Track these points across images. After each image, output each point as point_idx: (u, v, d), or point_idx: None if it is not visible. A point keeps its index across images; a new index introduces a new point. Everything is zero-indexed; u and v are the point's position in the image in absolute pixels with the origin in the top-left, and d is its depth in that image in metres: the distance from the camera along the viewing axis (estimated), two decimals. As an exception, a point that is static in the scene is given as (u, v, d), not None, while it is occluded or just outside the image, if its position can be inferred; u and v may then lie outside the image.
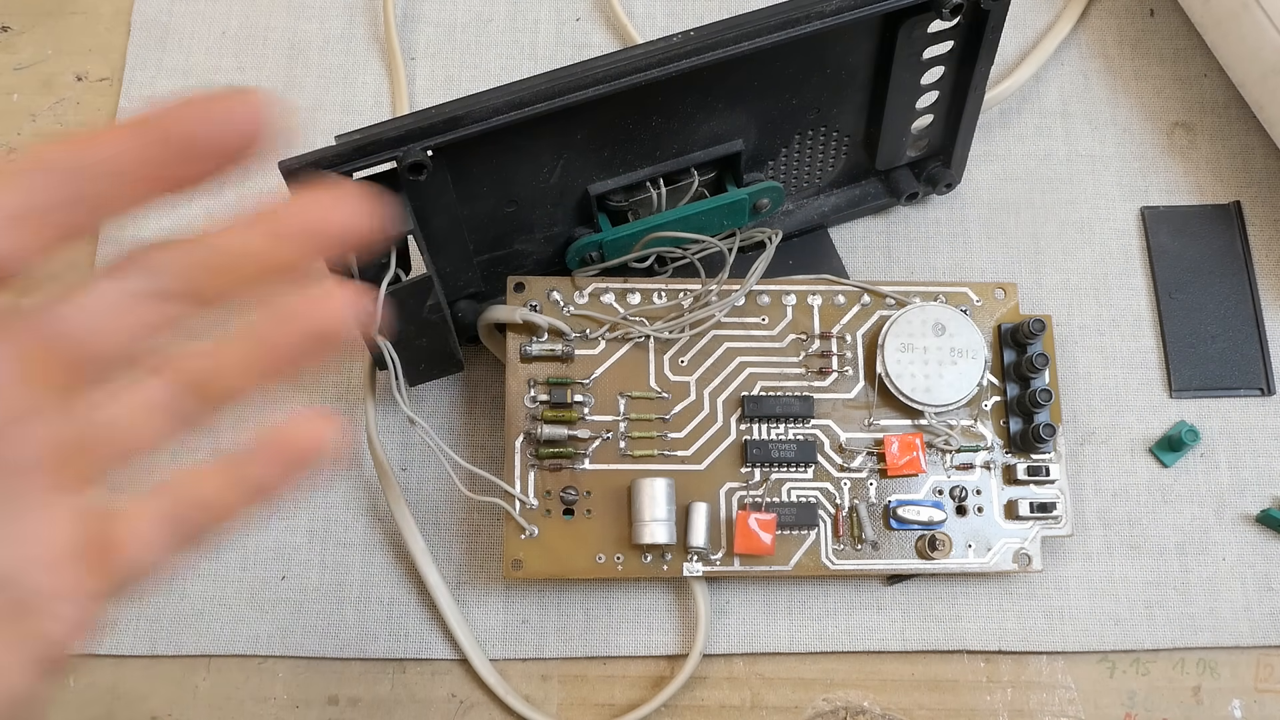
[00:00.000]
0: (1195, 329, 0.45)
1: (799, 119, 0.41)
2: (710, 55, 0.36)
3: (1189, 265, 0.45)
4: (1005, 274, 0.46)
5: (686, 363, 0.41)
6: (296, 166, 0.33)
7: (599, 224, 0.41)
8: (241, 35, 0.50)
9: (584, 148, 0.38)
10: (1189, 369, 0.44)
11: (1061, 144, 0.48)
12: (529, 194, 0.39)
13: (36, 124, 0.49)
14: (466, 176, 0.37)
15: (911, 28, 0.38)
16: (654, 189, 0.41)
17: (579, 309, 0.41)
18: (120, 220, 0.22)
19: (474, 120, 0.35)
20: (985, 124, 0.47)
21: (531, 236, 0.41)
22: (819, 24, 0.36)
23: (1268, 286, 0.45)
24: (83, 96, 0.49)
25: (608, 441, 0.40)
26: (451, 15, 0.50)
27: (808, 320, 0.42)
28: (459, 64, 0.50)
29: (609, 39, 0.50)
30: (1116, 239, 0.46)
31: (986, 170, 0.47)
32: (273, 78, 0.49)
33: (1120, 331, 0.45)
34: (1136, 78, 0.49)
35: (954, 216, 0.47)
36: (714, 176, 0.42)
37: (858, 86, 0.41)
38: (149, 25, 0.50)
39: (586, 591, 0.42)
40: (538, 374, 0.40)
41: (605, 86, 0.35)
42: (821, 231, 0.46)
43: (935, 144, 0.45)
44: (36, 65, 0.50)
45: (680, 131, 0.39)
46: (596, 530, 0.39)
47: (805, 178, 0.44)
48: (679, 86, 0.37)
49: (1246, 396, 0.44)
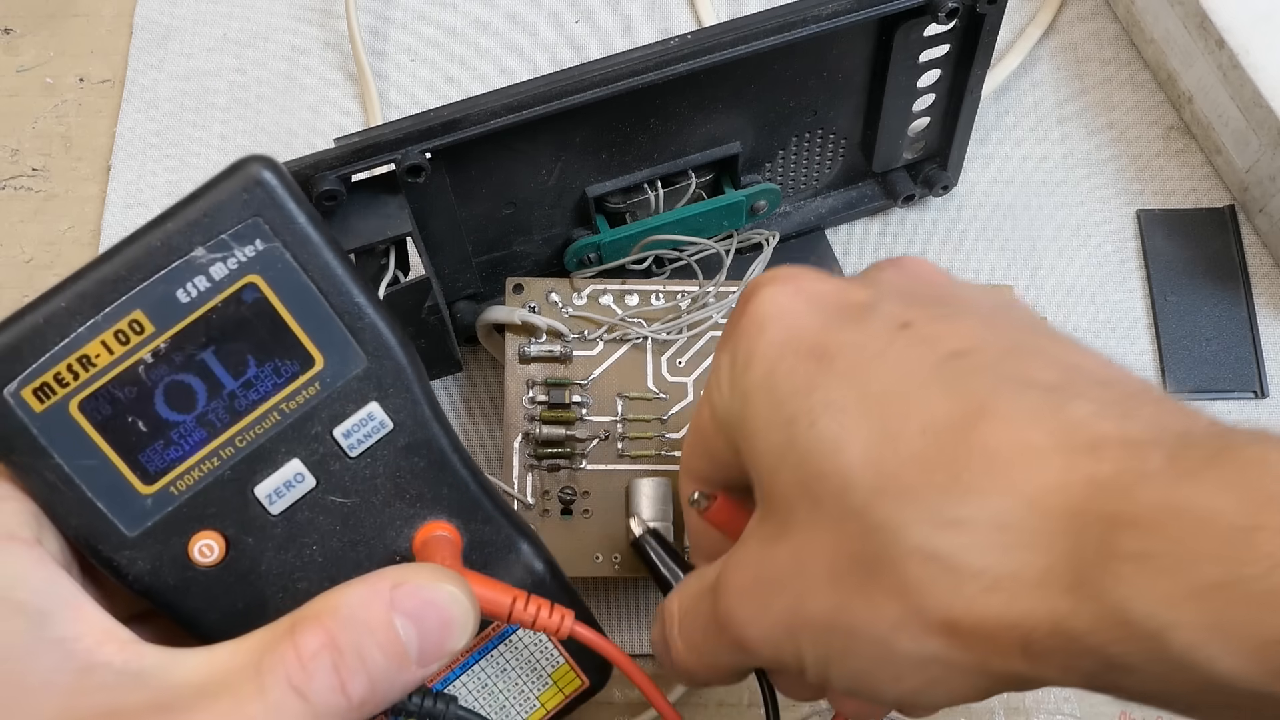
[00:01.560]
0: (1190, 332, 0.45)
1: (796, 121, 0.42)
2: (708, 58, 0.36)
3: (1184, 268, 0.46)
4: (1001, 276, 0.46)
5: (684, 364, 0.41)
6: (296, 169, 0.34)
7: (597, 226, 0.41)
8: (243, 37, 0.50)
9: (582, 150, 0.39)
10: (1183, 371, 0.44)
11: (1058, 147, 0.48)
12: (527, 196, 0.40)
13: (38, 126, 0.49)
14: (465, 179, 0.38)
15: (908, 31, 0.38)
16: (652, 191, 0.41)
17: (577, 310, 0.41)
18: None
19: (472, 123, 0.35)
20: (981, 127, 0.47)
21: (530, 238, 0.41)
22: (816, 27, 0.36)
23: (1262, 290, 0.45)
24: (85, 98, 0.49)
25: (605, 442, 0.40)
26: (451, 17, 0.51)
27: (804, 322, 0.42)
28: (459, 66, 0.50)
29: (608, 41, 0.50)
30: (1112, 242, 0.47)
31: (983, 173, 0.48)
32: (274, 80, 0.50)
33: (1115, 334, 0.45)
34: (1132, 82, 0.49)
35: (950, 219, 0.47)
36: (712, 179, 0.42)
37: (855, 89, 0.41)
38: (151, 27, 0.50)
39: (584, 591, 0.42)
40: (536, 375, 0.40)
41: (603, 89, 0.35)
42: (819, 233, 0.46)
43: (932, 146, 0.45)
44: (38, 67, 0.50)
45: (678, 134, 0.40)
46: (594, 530, 0.39)
47: (802, 180, 0.45)
48: (677, 89, 0.37)
49: (1240, 399, 0.44)
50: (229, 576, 0.28)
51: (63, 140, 0.49)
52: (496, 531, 0.31)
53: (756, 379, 0.26)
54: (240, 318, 0.26)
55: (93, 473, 0.26)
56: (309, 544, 0.28)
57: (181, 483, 0.27)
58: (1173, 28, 0.46)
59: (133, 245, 0.25)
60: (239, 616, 0.28)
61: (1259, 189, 0.45)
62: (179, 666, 0.25)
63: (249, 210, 0.26)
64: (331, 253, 0.27)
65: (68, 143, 0.49)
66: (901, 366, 0.24)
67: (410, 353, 0.28)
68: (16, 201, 0.48)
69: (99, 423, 0.26)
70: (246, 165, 0.26)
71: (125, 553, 0.26)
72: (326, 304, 0.27)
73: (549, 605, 0.29)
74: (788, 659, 0.26)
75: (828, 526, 0.24)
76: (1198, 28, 0.45)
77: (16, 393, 0.25)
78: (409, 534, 0.29)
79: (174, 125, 0.49)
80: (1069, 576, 0.21)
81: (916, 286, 0.27)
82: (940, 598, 0.22)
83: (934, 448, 0.22)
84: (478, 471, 0.30)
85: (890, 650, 0.23)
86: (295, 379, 0.27)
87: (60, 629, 0.24)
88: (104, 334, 0.25)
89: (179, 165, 0.48)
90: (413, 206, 0.36)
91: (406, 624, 0.25)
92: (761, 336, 0.26)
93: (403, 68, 0.50)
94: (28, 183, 0.48)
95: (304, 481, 0.28)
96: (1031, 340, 0.25)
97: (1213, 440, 0.21)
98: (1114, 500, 0.20)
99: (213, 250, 0.26)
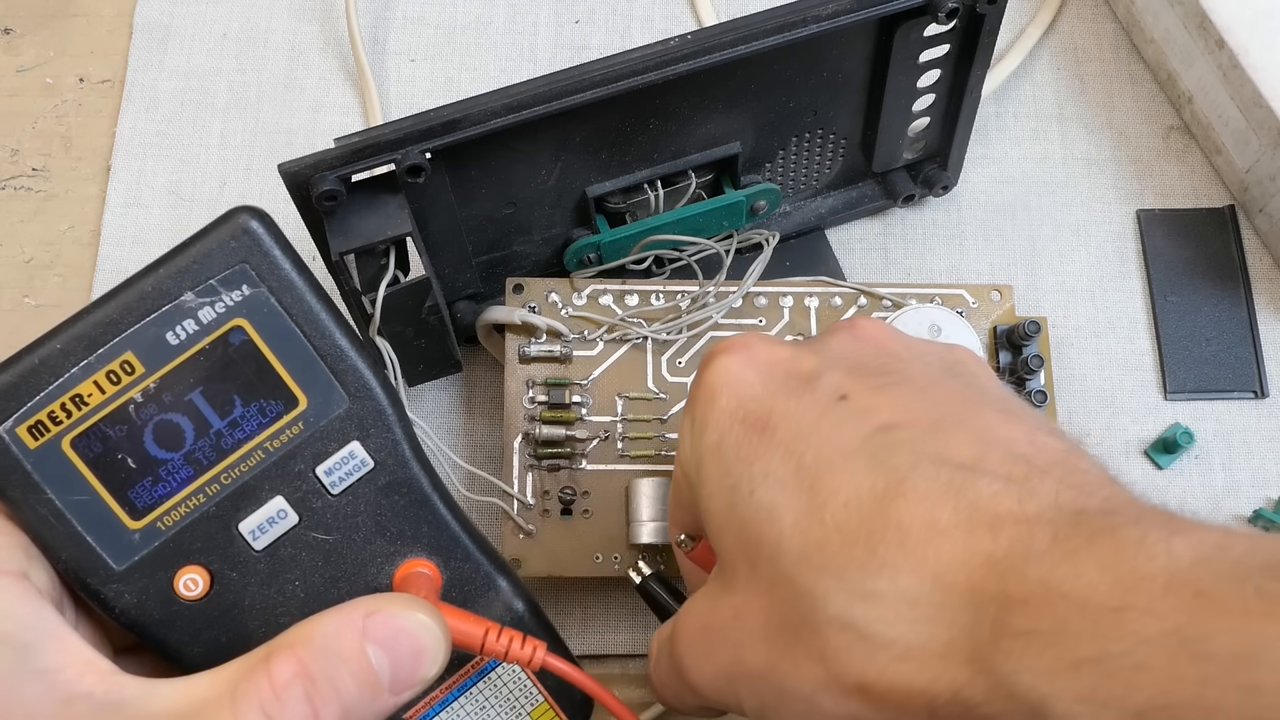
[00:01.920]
0: (1190, 332, 0.45)
1: (796, 122, 0.42)
2: (707, 59, 0.36)
3: (1184, 268, 0.46)
4: (1001, 276, 0.46)
5: (684, 364, 0.41)
6: (296, 168, 0.34)
7: (597, 226, 0.41)
8: (243, 37, 0.50)
9: (582, 150, 0.39)
10: (1184, 371, 0.44)
11: (1058, 147, 0.48)
12: (527, 196, 0.40)
13: (39, 126, 0.49)
14: (465, 179, 0.38)
15: (908, 31, 0.39)
16: (652, 191, 0.41)
17: (577, 310, 0.41)
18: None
19: (472, 123, 0.35)
20: (981, 127, 0.47)
21: (530, 238, 0.41)
22: (816, 28, 0.36)
23: (1261, 290, 0.45)
24: (85, 98, 0.49)
25: (605, 442, 0.40)
26: (451, 17, 0.51)
27: (805, 321, 0.42)
28: (459, 66, 0.50)
29: (608, 42, 0.50)
30: (1112, 242, 0.47)
31: (983, 173, 0.48)
32: (274, 80, 0.50)
33: (1115, 334, 0.45)
34: (1132, 82, 0.49)
35: (950, 219, 0.47)
36: (711, 179, 0.42)
37: (855, 89, 0.41)
38: (150, 27, 0.50)
39: (584, 590, 0.42)
40: (536, 375, 0.40)
41: (603, 89, 0.35)
42: (819, 233, 0.46)
43: (932, 146, 0.45)
44: (39, 67, 0.50)
45: (678, 134, 0.40)
46: (594, 530, 0.39)
47: (802, 180, 0.45)
48: (677, 89, 0.37)
49: (1240, 399, 0.44)
50: (213, 610, 0.28)
51: (63, 140, 0.49)
52: (476, 569, 0.32)
53: (709, 446, 0.28)
54: (227, 359, 0.27)
55: (83, 507, 0.27)
56: (291, 579, 0.29)
57: (169, 518, 0.28)
58: (1173, 28, 0.46)
59: (126, 290, 0.27)
60: (222, 650, 0.28)
61: (1259, 189, 0.45)
62: (156, 696, 0.25)
63: (236, 257, 0.27)
64: (315, 297, 0.28)
65: (68, 143, 0.49)
66: (834, 439, 0.26)
67: (391, 394, 0.29)
68: (16, 201, 0.48)
69: (90, 459, 0.27)
70: (235, 215, 0.27)
71: (113, 586, 0.27)
72: (310, 346, 0.28)
73: (521, 637, 0.30)
74: (731, 704, 0.28)
75: (762, 589, 0.26)
76: (1198, 28, 0.45)
77: (12, 430, 0.26)
78: (389, 571, 0.30)
79: (174, 125, 0.49)
80: (967, 650, 0.23)
81: (863, 353, 0.29)
82: (855, 664, 0.24)
83: (854, 520, 0.24)
84: (458, 509, 0.31)
85: (814, 707, 0.25)
86: (280, 418, 0.28)
87: (43, 660, 0.25)
88: (96, 374, 0.26)
89: (179, 165, 0.48)
90: (413, 206, 0.36)
91: (379, 652, 0.26)
92: (713, 405, 0.28)
93: (403, 68, 0.50)
94: (28, 183, 0.48)
95: (287, 518, 0.29)
96: (959, 413, 0.27)
97: (1099, 519, 0.22)
98: (1006, 579, 0.22)
99: (201, 295, 0.27)
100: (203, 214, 0.47)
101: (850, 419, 0.26)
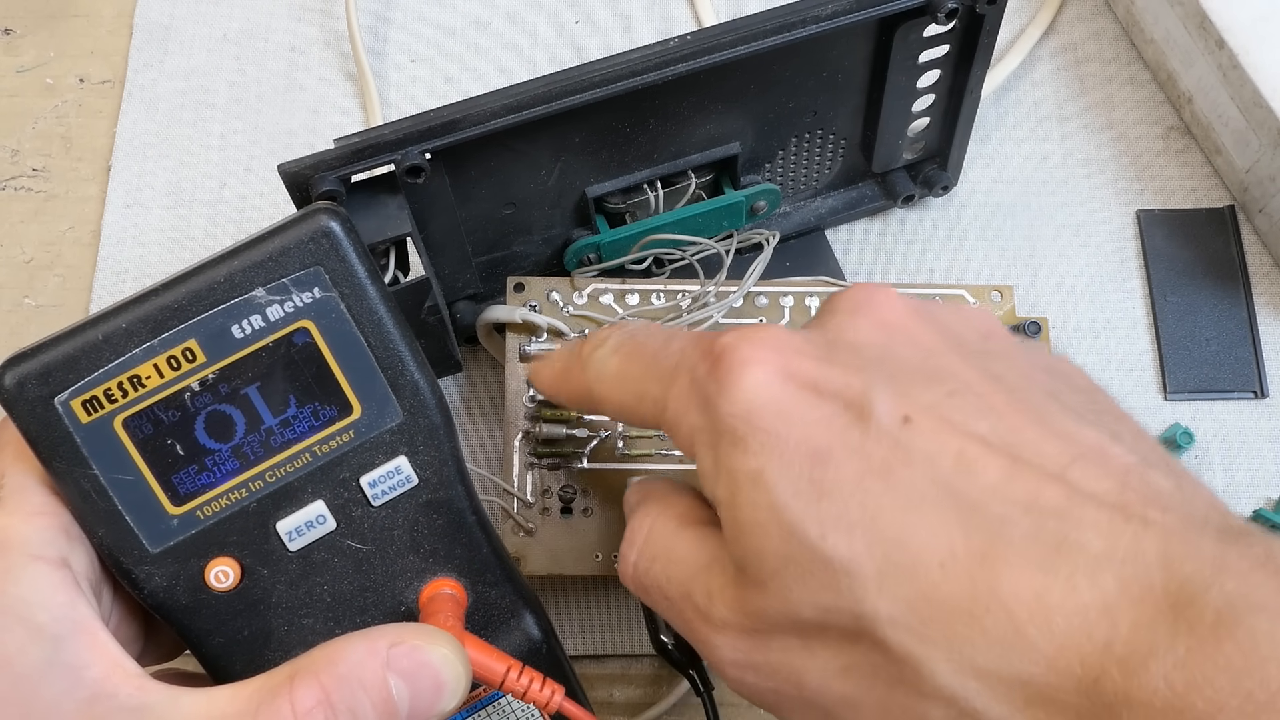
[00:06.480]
0: (1190, 332, 0.45)
1: (796, 122, 0.42)
2: (707, 59, 0.36)
3: (1184, 269, 0.46)
4: (1001, 276, 0.46)
5: (684, 364, 0.41)
6: (296, 169, 0.34)
7: (597, 226, 0.41)
8: (243, 38, 0.50)
9: (582, 150, 0.39)
10: (1183, 372, 0.44)
11: (1057, 147, 0.48)
12: (527, 196, 0.40)
13: (39, 126, 0.49)
14: (465, 179, 0.38)
15: (907, 32, 0.39)
16: (651, 191, 0.41)
17: (578, 309, 0.41)
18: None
19: (472, 124, 0.35)
20: (981, 127, 0.47)
21: (529, 238, 0.41)
22: (815, 28, 0.36)
23: (1262, 290, 0.45)
24: (85, 99, 0.49)
25: (605, 441, 0.40)
26: (451, 18, 0.51)
27: (805, 321, 0.42)
28: (459, 66, 0.50)
29: (608, 42, 0.50)
30: (1112, 242, 0.47)
31: (983, 173, 0.48)
32: (274, 80, 0.50)
33: (1115, 334, 0.45)
34: (1132, 82, 0.49)
35: (950, 219, 0.47)
36: (711, 179, 0.42)
37: (854, 90, 0.41)
38: (151, 28, 0.50)
39: (584, 590, 0.42)
40: (536, 375, 0.40)
41: (603, 90, 0.35)
42: (819, 233, 0.46)
43: (932, 147, 0.45)
44: (39, 68, 0.50)
45: (678, 134, 0.40)
46: (594, 529, 0.39)
47: (802, 180, 0.45)
48: (676, 90, 0.37)
49: (1240, 399, 0.44)
50: (239, 604, 0.29)
51: (63, 140, 0.49)
52: (502, 596, 0.32)
53: (748, 471, 0.26)
54: (289, 359, 0.27)
55: (126, 487, 0.27)
56: (320, 583, 0.29)
57: (209, 508, 0.28)
58: (1173, 28, 0.46)
59: (197, 276, 0.27)
60: (244, 643, 0.29)
61: (1259, 189, 0.45)
62: (179, 706, 0.26)
63: (313, 259, 0.27)
64: (385, 309, 0.28)
65: (68, 143, 0.49)
66: (911, 480, 0.24)
67: (446, 415, 0.29)
68: (16, 202, 0.48)
69: (139, 441, 0.27)
70: (316, 215, 0.27)
71: (144, 567, 0.27)
72: (373, 357, 0.28)
73: (540, 679, 0.30)
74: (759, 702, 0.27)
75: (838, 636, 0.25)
76: (1198, 28, 0.45)
77: (66, 402, 0.26)
78: (417, 586, 0.30)
79: (174, 125, 0.49)
80: None
81: (898, 349, 0.27)
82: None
83: (955, 588, 0.23)
84: (494, 535, 0.31)
85: None
86: (332, 424, 0.28)
87: (73, 655, 0.25)
88: (157, 358, 0.26)
89: (179, 165, 0.48)
90: (412, 207, 0.36)
91: (400, 683, 0.26)
92: (752, 426, 0.26)
93: (403, 68, 0.50)
94: (28, 183, 0.48)
95: (325, 523, 0.29)
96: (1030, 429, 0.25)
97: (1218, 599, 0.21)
98: (1129, 680, 0.21)
99: (272, 292, 0.27)
100: (203, 214, 0.47)
101: (921, 455, 0.25)
